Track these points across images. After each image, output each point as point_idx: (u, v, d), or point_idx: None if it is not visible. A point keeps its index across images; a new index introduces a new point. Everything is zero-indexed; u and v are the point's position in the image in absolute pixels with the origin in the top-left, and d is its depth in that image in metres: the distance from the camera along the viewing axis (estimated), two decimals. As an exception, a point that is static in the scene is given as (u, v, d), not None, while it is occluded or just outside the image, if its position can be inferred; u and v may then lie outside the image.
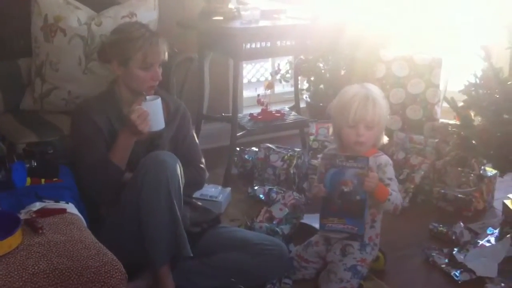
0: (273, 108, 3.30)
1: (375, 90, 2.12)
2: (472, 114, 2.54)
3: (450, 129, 2.93)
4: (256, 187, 2.92)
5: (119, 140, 2.09)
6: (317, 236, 2.24)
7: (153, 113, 2.05)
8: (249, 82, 4.40)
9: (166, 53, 2.18)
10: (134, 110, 2.01)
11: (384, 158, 2.11)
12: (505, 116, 2.40)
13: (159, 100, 2.09)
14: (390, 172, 2.09)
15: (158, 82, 2.17)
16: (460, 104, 2.58)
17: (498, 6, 3.44)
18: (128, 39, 2.11)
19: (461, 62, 3.58)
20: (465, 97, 2.54)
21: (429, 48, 3.34)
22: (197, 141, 2.40)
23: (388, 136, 2.30)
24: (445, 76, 3.25)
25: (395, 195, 2.03)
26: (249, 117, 3.23)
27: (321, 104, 3.47)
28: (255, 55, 3.04)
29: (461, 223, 2.60)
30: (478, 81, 2.50)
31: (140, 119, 2.00)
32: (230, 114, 3.08)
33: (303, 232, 2.45)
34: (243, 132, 3.09)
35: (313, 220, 2.55)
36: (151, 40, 2.12)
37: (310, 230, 2.36)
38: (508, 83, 2.43)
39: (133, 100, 2.11)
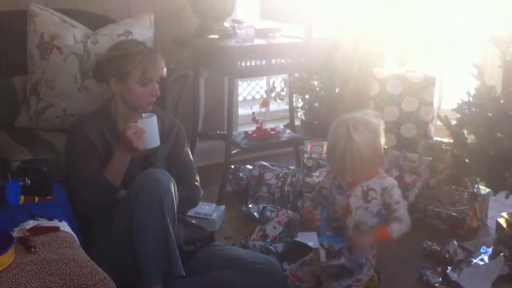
0: (268, 126, 3.30)
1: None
2: (465, 132, 2.55)
3: (443, 147, 2.94)
4: (250, 205, 2.92)
5: (114, 157, 2.09)
6: (311, 255, 2.23)
7: (148, 131, 2.06)
8: (244, 99, 4.43)
9: (165, 69, 2.20)
10: (130, 127, 2.02)
11: (390, 181, 2.02)
12: (498, 134, 2.41)
13: (154, 118, 2.10)
14: (397, 194, 2.01)
15: (156, 97, 2.18)
16: (454, 122, 2.59)
17: (490, 25, 3.47)
18: (127, 55, 2.14)
19: (454, 81, 3.60)
20: (458, 115, 2.56)
21: (422, 66, 3.36)
22: (191, 158, 2.40)
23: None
24: (439, 95, 3.28)
25: (398, 227, 1.97)
26: (244, 135, 3.24)
27: (315, 122, 3.48)
28: (250, 73, 3.05)
29: (455, 242, 2.60)
30: (471, 100, 2.51)
31: (136, 136, 2.01)
32: (225, 132, 3.09)
33: (297, 251, 2.44)
34: (238, 150, 3.10)
35: (307, 238, 2.55)
36: (150, 56, 2.15)
37: (304, 248, 2.35)
38: (501, 101, 2.45)
39: (129, 117, 2.13)
